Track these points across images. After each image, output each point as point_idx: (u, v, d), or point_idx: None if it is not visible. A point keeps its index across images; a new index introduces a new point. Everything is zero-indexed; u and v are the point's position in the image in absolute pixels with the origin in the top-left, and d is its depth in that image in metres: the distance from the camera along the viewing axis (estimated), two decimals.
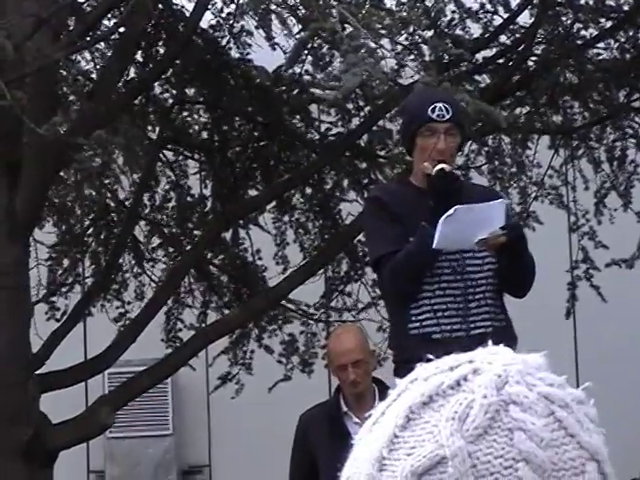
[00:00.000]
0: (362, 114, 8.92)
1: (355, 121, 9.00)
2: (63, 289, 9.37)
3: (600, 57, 8.85)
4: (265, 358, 9.31)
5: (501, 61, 8.86)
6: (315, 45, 8.24)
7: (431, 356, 1.17)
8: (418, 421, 1.11)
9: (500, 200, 4.75)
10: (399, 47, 7.45)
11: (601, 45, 8.87)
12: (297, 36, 7.98)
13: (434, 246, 4.58)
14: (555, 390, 1.11)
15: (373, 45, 6.47)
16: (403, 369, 4.54)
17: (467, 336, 4.67)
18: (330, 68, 8.36)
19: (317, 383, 9.17)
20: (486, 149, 9.20)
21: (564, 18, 8.73)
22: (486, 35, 8.67)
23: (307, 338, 9.36)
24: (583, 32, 8.76)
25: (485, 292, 4.80)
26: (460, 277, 4.77)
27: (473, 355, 1.14)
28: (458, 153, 5.26)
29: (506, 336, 4.58)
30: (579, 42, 8.77)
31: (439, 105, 4.76)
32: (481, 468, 1.08)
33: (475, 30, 8.67)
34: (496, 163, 9.21)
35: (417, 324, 4.77)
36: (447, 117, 4.75)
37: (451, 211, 4.59)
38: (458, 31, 8.55)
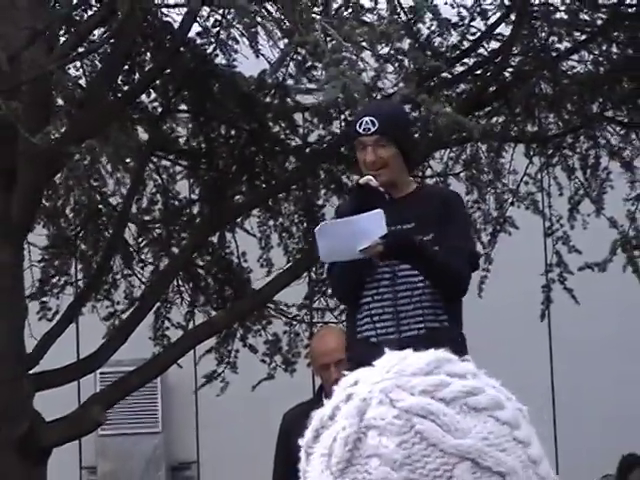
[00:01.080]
0: (343, 118, 8.90)
1: (336, 124, 9.02)
2: (55, 290, 9.36)
3: (575, 70, 8.87)
4: (251, 357, 9.31)
5: (479, 72, 8.90)
6: (299, 56, 8.28)
7: (370, 359, 1.15)
8: (311, 456, 1.11)
9: (377, 211, 4.66)
10: (380, 59, 7.50)
11: (575, 57, 8.92)
12: (281, 46, 8.03)
13: (321, 259, 4.63)
14: (419, 399, 1.07)
15: (354, 57, 6.53)
16: (350, 371, 4.79)
17: (399, 338, 4.65)
18: (313, 73, 8.38)
19: (301, 381, 9.19)
20: (463, 157, 9.23)
21: (540, 31, 8.76)
22: (464, 47, 8.70)
23: (290, 338, 9.37)
24: (558, 45, 8.79)
25: (421, 296, 4.77)
26: (392, 284, 4.78)
27: (362, 373, 1.13)
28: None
29: (443, 337, 4.57)
30: (554, 54, 8.80)
31: (365, 119, 4.79)
32: None
33: (454, 41, 8.67)
34: (473, 171, 9.26)
35: (359, 328, 4.83)
36: (372, 130, 4.75)
37: (319, 226, 4.68)
38: (437, 43, 8.56)
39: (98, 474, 11.73)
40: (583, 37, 8.80)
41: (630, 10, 8.82)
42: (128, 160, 8.72)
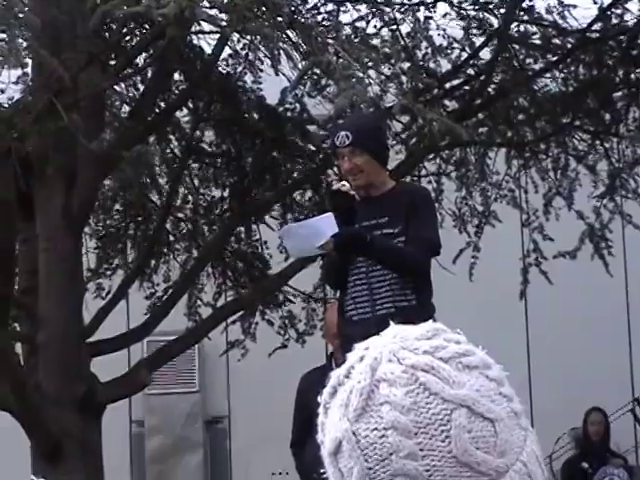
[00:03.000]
0: None
1: None
2: (108, 272, 9.37)
3: (547, 87, 8.82)
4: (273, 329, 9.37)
5: (466, 88, 8.86)
6: (314, 76, 8.27)
7: (354, 334, 1.20)
8: (329, 410, 1.13)
9: (328, 214, 4.70)
10: (382, 76, 7.50)
11: (548, 76, 8.86)
12: (299, 66, 8.03)
13: (290, 255, 4.66)
14: (422, 357, 1.09)
15: (361, 75, 6.53)
16: (344, 344, 4.84)
17: (374, 317, 4.66)
18: (325, 92, 8.38)
19: (316, 349, 9.22)
20: (454, 159, 9.22)
21: (518, 53, 8.72)
22: (453, 67, 8.66)
23: (308, 314, 9.38)
24: (533, 65, 8.76)
25: (391, 280, 4.75)
26: (365, 272, 4.78)
27: (372, 340, 1.14)
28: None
29: (415, 314, 4.52)
30: (530, 73, 8.77)
31: (341, 134, 4.80)
32: (363, 442, 1.08)
33: (445, 62, 8.65)
34: (462, 170, 9.26)
35: (345, 309, 4.85)
36: (347, 142, 4.76)
37: (282, 229, 4.69)
38: (431, 64, 8.55)
39: (145, 427, 11.76)
40: (555, 58, 8.77)
41: (595, 35, 8.79)
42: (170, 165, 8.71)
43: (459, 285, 8.94)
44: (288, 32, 6.72)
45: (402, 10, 8.38)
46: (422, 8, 8.38)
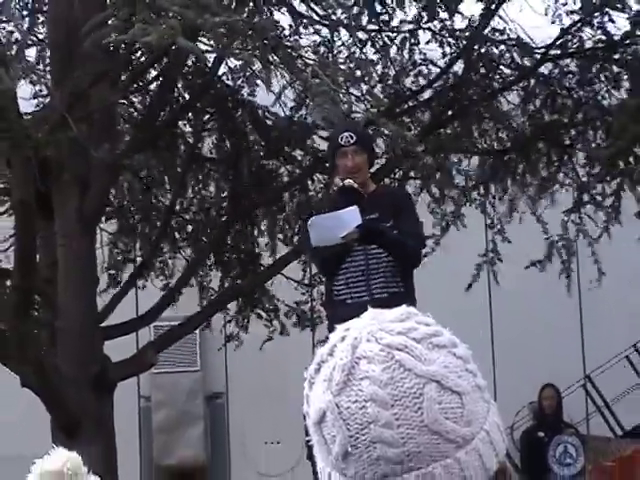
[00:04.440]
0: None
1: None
2: (119, 265, 9.34)
3: (509, 103, 8.74)
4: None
5: (440, 100, 8.75)
6: (296, 91, 8.20)
7: (345, 316, 1.18)
8: (314, 385, 1.12)
9: (353, 208, 4.69)
10: (356, 93, 7.52)
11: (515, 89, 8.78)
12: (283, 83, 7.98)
13: (313, 244, 4.64)
14: (397, 337, 1.10)
15: (333, 92, 6.51)
16: (330, 325, 4.81)
17: (371, 300, 4.61)
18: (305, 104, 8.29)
19: (302, 339, 9.18)
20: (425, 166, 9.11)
21: (485, 71, 8.64)
22: (428, 82, 8.60)
23: (311, 302, 9.27)
24: (495, 83, 8.69)
25: (385, 267, 4.77)
26: (364, 259, 4.78)
27: (352, 322, 1.14)
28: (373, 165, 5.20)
29: (402, 300, 4.41)
30: (496, 85, 8.68)
31: (345, 134, 4.81)
32: (345, 413, 1.08)
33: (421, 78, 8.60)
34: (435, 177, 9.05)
35: (336, 292, 4.81)
36: (352, 142, 4.78)
37: (310, 221, 4.66)
38: (408, 81, 8.48)
39: (152, 402, 11.73)
40: (513, 77, 8.66)
41: (555, 52, 8.69)
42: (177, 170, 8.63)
43: (431, 276, 8.88)
44: (271, 55, 6.70)
45: (392, 37, 8.31)
46: (407, 35, 8.33)
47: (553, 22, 8.48)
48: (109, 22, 6.19)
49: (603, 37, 8.35)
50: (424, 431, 1.07)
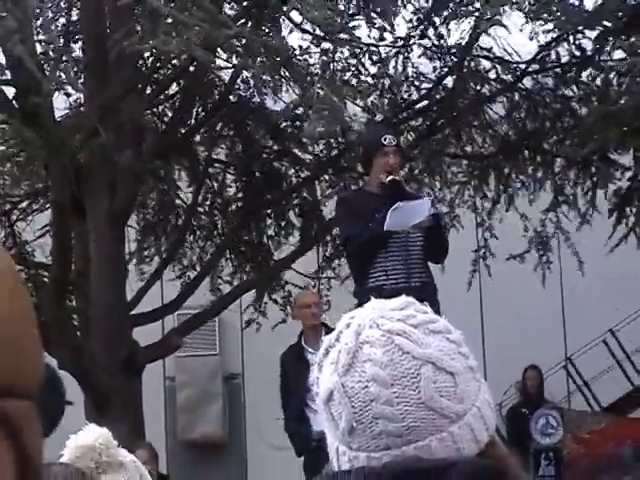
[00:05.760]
0: (342, 143, 8.80)
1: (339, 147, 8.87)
2: (146, 258, 9.32)
3: (496, 112, 8.69)
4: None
5: (434, 109, 8.73)
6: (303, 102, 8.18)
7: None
8: (323, 367, 1.13)
9: (427, 198, 4.88)
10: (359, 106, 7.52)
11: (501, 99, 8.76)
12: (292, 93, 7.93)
13: (385, 228, 4.60)
14: (396, 324, 1.10)
15: (336, 105, 6.46)
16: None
17: (409, 287, 4.53)
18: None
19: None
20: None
21: (473, 83, 8.60)
22: (422, 93, 8.58)
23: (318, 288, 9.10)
24: (484, 91, 8.65)
25: (419, 258, 4.75)
26: (404, 248, 4.73)
27: (356, 311, 1.14)
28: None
29: (430, 288, 4.67)
30: (485, 93, 8.63)
31: (388, 136, 4.80)
32: (350, 392, 1.09)
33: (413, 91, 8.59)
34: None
35: (373, 279, 4.70)
36: (394, 143, 4.80)
37: (395, 205, 4.64)
38: (403, 93, 8.47)
39: (176, 382, 11.72)
40: (498, 88, 8.61)
41: (535, 67, 8.66)
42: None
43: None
44: (282, 71, 6.69)
45: (387, 52, 8.27)
46: (402, 50, 8.29)
47: (531, 39, 8.45)
48: (134, 35, 6.20)
49: (577, 53, 8.30)
50: (421, 408, 1.07)
